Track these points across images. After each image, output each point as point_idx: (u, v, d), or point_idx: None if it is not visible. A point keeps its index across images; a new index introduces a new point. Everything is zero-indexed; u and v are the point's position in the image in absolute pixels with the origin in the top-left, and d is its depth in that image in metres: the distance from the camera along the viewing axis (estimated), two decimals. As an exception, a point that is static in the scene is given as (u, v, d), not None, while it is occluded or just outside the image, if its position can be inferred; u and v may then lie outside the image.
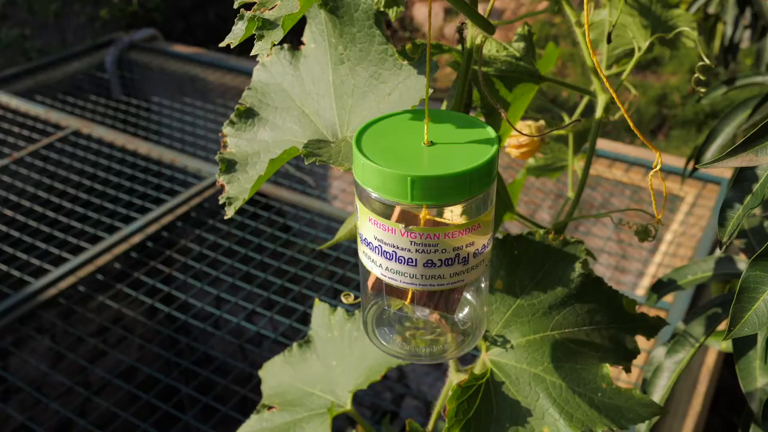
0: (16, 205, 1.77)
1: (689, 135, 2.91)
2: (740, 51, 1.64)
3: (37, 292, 1.45)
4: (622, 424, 0.48)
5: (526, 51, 0.59)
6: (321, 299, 0.70)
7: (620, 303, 0.54)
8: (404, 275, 0.39)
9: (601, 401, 0.49)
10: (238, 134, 0.50)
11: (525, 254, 0.55)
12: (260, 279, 1.51)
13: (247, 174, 0.48)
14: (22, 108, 2.10)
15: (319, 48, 0.50)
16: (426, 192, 0.36)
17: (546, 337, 0.52)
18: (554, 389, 0.50)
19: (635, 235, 0.62)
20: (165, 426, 1.29)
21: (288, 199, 1.70)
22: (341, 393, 0.64)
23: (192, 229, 1.68)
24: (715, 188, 1.65)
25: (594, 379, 0.50)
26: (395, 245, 0.38)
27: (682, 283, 0.68)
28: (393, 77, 0.46)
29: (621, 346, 0.52)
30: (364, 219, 0.39)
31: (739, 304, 0.42)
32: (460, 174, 0.36)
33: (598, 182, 1.76)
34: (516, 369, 0.51)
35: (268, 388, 0.67)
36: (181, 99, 2.29)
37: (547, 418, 0.49)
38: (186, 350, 1.63)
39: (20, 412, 1.46)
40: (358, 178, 0.38)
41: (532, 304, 0.53)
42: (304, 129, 0.49)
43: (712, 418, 1.23)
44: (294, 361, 0.67)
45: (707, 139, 0.86)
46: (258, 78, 0.52)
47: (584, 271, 0.54)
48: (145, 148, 1.92)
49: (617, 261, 1.63)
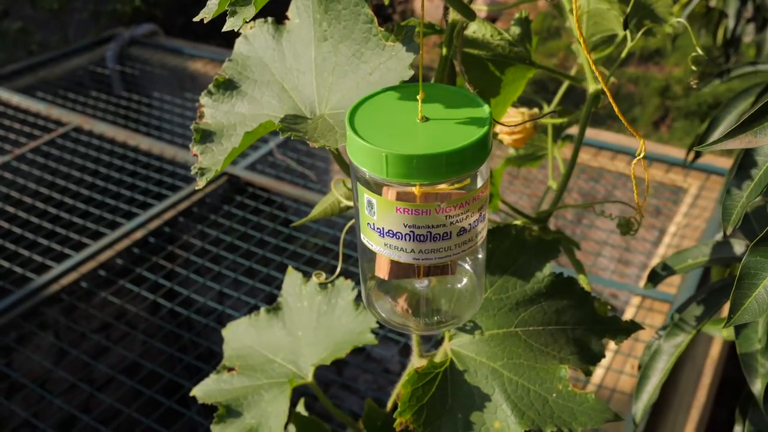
0: (18, 202, 1.77)
1: (692, 126, 2.90)
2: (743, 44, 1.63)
3: (40, 288, 1.45)
4: (572, 426, 0.48)
5: (521, 37, 0.59)
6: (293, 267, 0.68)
7: (591, 305, 0.54)
8: (409, 252, 0.39)
9: (555, 402, 0.49)
10: (216, 105, 0.50)
11: (499, 248, 0.55)
12: (263, 274, 1.51)
13: (222, 146, 0.47)
14: (24, 104, 2.10)
15: (303, 24, 0.49)
16: (423, 170, 0.36)
17: (509, 333, 0.52)
18: (510, 385, 0.50)
19: (617, 227, 0.62)
20: (169, 421, 1.29)
21: (290, 193, 1.70)
22: (303, 365, 0.63)
23: (194, 225, 1.68)
24: (719, 180, 1.64)
25: (551, 379, 0.50)
26: (429, 225, 0.38)
27: (679, 267, 0.67)
28: (375, 57, 0.46)
29: (585, 349, 0.52)
30: (387, 206, 0.38)
31: (739, 291, 0.41)
32: (456, 151, 0.36)
33: (601, 174, 1.75)
34: (475, 361, 0.51)
35: (230, 349, 0.66)
36: (181, 94, 2.28)
37: (499, 413, 0.49)
38: (189, 346, 1.63)
39: (24, 408, 1.47)
40: (370, 168, 0.37)
41: (499, 299, 0.53)
42: (282, 104, 0.49)
43: (717, 410, 1.22)
44: (260, 325, 0.66)
45: (709, 127, 0.86)
46: (239, 50, 0.52)
47: (572, 267, 0.53)
48: (146, 143, 1.92)
49: (621, 254, 1.62)
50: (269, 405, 0.60)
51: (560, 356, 0.51)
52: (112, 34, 2.56)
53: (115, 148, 1.93)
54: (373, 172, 0.37)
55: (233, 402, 0.60)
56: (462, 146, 0.36)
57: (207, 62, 2.38)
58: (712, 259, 0.66)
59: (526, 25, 0.60)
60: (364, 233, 0.41)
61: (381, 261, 0.42)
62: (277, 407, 0.59)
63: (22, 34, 2.95)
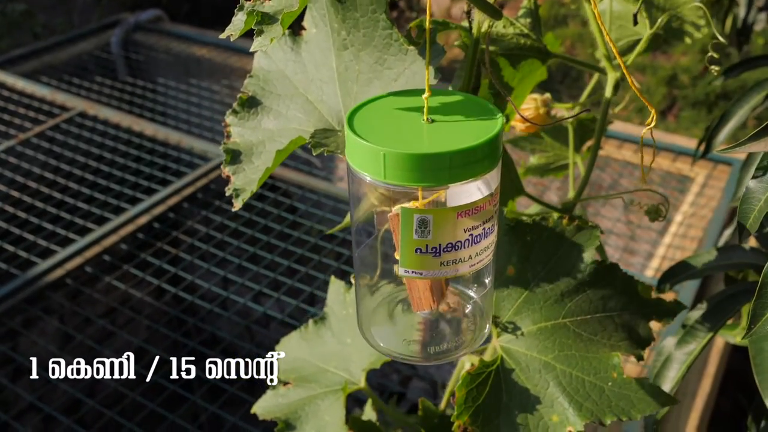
0: (22, 187, 1.77)
1: (699, 116, 2.88)
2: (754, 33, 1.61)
3: (45, 272, 1.45)
4: (632, 414, 0.48)
5: (533, 26, 0.58)
6: (328, 281, 0.69)
7: (635, 288, 0.53)
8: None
9: (611, 391, 0.48)
10: (242, 123, 0.50)
11: (538, 240, 0.54)
12: (267, 260, 1.51)
13: (253, 164, 0.47)
14: (28, 89, 2.10)
15: (320, 33, 0.49)
16: (426, 172, 0.34)
17: (557, 324, 0.52)
18: (564, 378, 0.49)
19: (646, 214, 0.61)
20: (172, 406, 1.30)
21: (294, 180, 1.70)
22: (355, 370, 0.64)
23: (198, 210, 1.68)
24: (726, 169, 1.63)
25: (605, 368, 0.49)
26: (483, 221, 0.37)
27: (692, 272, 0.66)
28: (399, 63, 0.45)
29: (634, 333, 0.52)
30: (447, 216, 0.35)
31: (760, 300, 0.39)
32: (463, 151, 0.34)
33: (607, 163, 1.74)
34: (526, 356, 0.51)
35: (284, 363, 0.67)
36: (186, 80, 2.27)
37: (556, 406, 0.48)
38: (193, 331, 1.64)
39: (30, 392, 1.47)
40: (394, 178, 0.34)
41: (544, 291, 0.53)
42: (308, 116, 0.48)
43: (721, 400, 1.22)
44: (310, 337, 0.68)
45: (720, 121, 0.84)
46: (259, 65, 0.51)
47: (598, 258, 0.53)
48: (151, 129, 1.91)
49: (626, 242, 1.61)
50: (326, 413, 0.61)
51: (610, 344, 0.51)
52: (116, 19, 2.55)
53: (120, 134, 1.93)
54: (371, 174, 0.35)
55: (291, 415, 0.62)
56: (470, 146, 0.34)
57: (212, 48, 2.37)
58: (724, 264, 0.65)
59: (536, 13, 0.59)
60: (408, 265, 0.37)
61: (420, 290, 0.39)
62: (333, 415, 0.60)
63: (27, 16, 2.94)
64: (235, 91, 2.21)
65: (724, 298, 0.61)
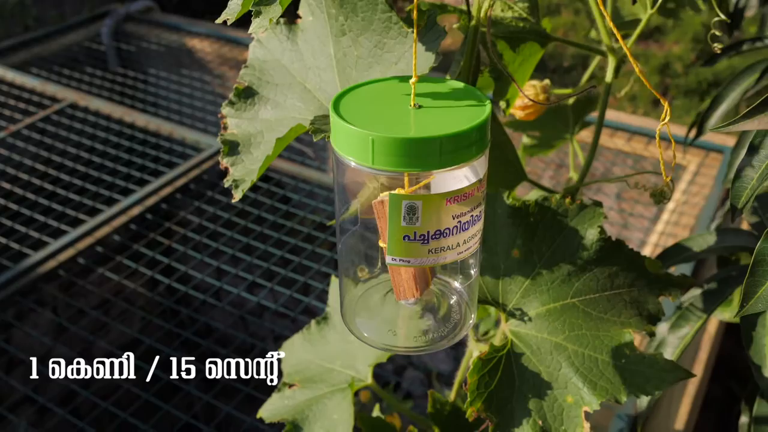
0: (13, 178, 1.76)
1: (692, 104, 2.89)
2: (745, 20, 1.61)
3: (37, 264, 1.45)
4: (647, 390, 0.47)
5: (531, 10, 0.57)
6: (321, 270, 0.69)
7: (642, 264, 0.53)
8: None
9: (625, 368, 0.48)
10: (239, 114, 0.49)
11: (542, 221, 0.53)
12: (260, 250, 1.50)
13: (252, 155, 0.46)
14: (18, 81, 2.08)
15: (317, 20, 0.48)
16: (415, 157, 0.33)
17: (566, 304, 0.51)
18: (576, 358, 0.48)
19: (651, 197, 0.61)
20: (166, 396, 1.30)
21: (287, 170, 1.69)
22: (361, 367, 0.64)
23: (191, 201, 1.67)
24: (718, 157, 1.64)
25: (617, 345, 0.49)
26: (471, 208, 0.36)
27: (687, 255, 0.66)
28: (399, 46, 0.45)
29: (643, 309, 0.51)
30: (436, 203, 0.35)
31: (752, 278, 0.40)
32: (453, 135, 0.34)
33: (599, 151, 1.74)
34: (537, 339, 0.50)
35: (288, 366, 0.67)
36: (178, 71, 2.26)
37: (570, 387, 0.48)
38: (187, 321, 1.64)
39: (23, 384, 1.47)
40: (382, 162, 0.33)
41: (551, 272, 0.52)
42: (307, 105, 0.48)
43: (713, 387, 1.23)
44: (313, 338, 0.67)
45: (711, 105, 0.84)
46: (255, 55, 0.50)
47: (603, 235, 0.52)
48: (142, 120, 1.90)
49: (619, 231, 1.62)
50: (334, 412, 0.61)
51: (621, 321, 0.50)
52: (107, 10, 2.52)
53: (111, 125, 1.92)
54: (357, 159, 0.34)
55: (298, 416, 0.61)
56: (460, 131, 0.34)
57: (203, 38, 2.35)
58: (718, 247, 0.65)
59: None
60: (395, 253, 0.36)
61: (403, 279, 0.39)
62: (342, 413, 0.60)
63: (20, 8, 2.92)
64: (227, 82, 2.20)
65: (717, 281, 0.61)
